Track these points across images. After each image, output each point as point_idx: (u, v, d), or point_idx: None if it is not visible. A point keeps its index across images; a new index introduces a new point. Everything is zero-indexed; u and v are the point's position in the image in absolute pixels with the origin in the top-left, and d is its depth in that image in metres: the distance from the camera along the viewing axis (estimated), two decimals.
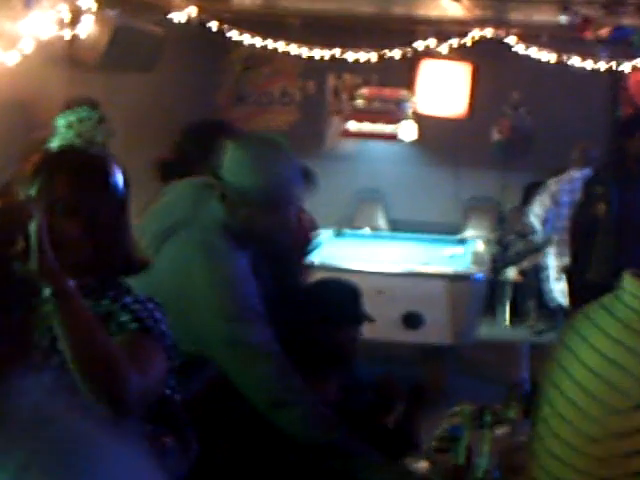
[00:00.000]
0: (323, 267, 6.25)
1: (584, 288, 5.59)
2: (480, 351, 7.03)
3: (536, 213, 7.40)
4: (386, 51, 8.87)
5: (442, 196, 9.56)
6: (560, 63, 8.75)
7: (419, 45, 8.80)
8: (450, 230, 8.70)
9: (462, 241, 8.08)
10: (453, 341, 6.40)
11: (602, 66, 8.81)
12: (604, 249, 5.58)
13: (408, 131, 9.17)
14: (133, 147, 6.38)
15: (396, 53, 8.85)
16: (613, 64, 8.83)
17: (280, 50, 8.88)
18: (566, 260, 6.47)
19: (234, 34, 8.72)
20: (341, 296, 3.25)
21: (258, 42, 8.80)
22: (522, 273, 8.41)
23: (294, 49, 8.85)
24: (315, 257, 6.75)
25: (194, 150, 3.47)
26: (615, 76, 9.17)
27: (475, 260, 7.10)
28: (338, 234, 8.03)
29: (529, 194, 7.96)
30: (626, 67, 8.85)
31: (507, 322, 8.70)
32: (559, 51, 8.74)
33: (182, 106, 8.13)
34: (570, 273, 5.93)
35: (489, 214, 9.46)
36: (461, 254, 7.40)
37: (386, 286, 6.30)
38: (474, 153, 9.27)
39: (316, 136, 9.62)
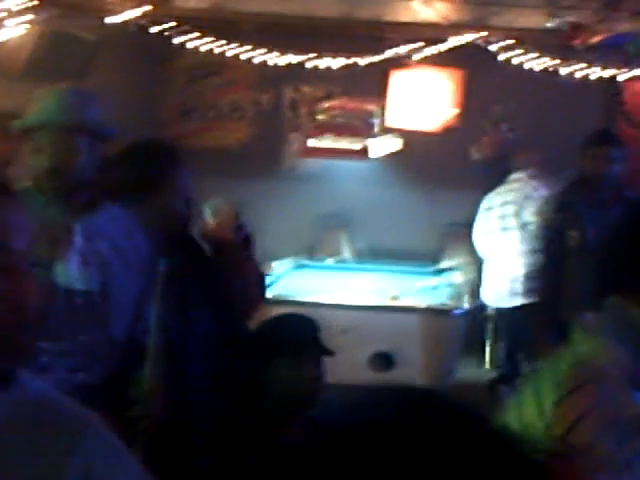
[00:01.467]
0: (280, 301, 6.26)
1: (555, 326, 5.54)
2: (460, 396, 7.05)
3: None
4: (352, 59, 8.93)
5: (417, 221, 9.55)
6: (549, 73, 8.85)
7: (390, 52, 8.88)
8: (425, 259, 8.69)
9: (439, 271, 8.12)
10: (428, 385, 6.29)
11: (595, 77, 8.92)
12: (580, 282, 5.49)
13: (377, 148, 9.22)
14: None
15: (363, 61, 8.91)
16: (607, 75, 8.95)
17: (231, 58, 8.91)
18: None
19: (178, 40, 8.72)
20: (299, 330, 3.38)
21: (206, 49, 8.80)
22: None
23: (247, 57, 8.87)
24: (272, 290, 6.80)
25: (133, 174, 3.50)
26: (610, 88, 9.30)
27: (454, 293, 7.12)
28: (298, 265, 8.05)
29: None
30: (622, 78, 8.98)
31: (487, 363, 8.78)
32: (547, 60, 8.85)
33: (119, 121, 8.12)
34: (538, 308, 5.89)
35: (468, 241, 9.44)
36: (438, 286, 7.44)
37: (352, 322, 6.28)
38: (453, 173, 9.27)
39: (273, 155, 9.63)
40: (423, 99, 9.14)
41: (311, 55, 8.92)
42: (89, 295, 3.03)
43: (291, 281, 7.37)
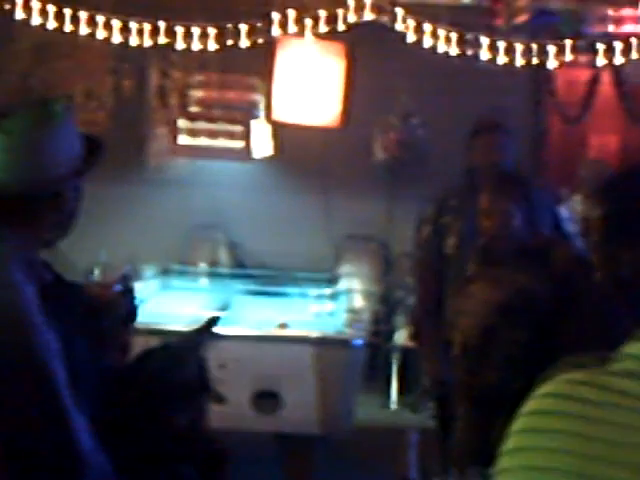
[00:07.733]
0: (142, 330, 6.18)
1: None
2: (359, 440, 7.04)
3: None
4: (231, 40, 8.88)
5: (307, 234, 9.60)
6: (467, 58, 8.88)
7: (277, 32, 8.81)
8: (318, 279, 8.61)
9: (334, 294, 8.10)
10: (322, 429, 6.37)
11: (521, 63, 8.98)
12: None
13: (262, 147, 9.24)
14: None
15: (245, 42, 8.85)
16: (535, 60, 9.02)
17: (84, 37, 8.82)
18: None
19: (20, 15, 8.60)
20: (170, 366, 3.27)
21: (53, 26, 8.70)
22: (413, 337, 8.43)
23: (104, 36, 8.78)
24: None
25: None
26: (539, 76, 9.40)
27: (351, 320, 7.13)
28: (164, 286, 8.00)
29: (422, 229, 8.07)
30: (552, 64, 9.05)
31: (394, 402, 8.86)
32: (465, 43, 8.88)
33: None
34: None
35: (371, 258, 9.52)
36: (335, 312, 7.45)
37: (230, 356, 6.21)
38: (351, 175, 9.35)
39: (135, 153, 9.63)
40: (316, 88, 9.16)
41: (182, 33, 8.83)
42: None
43: (155, 305, 7.28)
